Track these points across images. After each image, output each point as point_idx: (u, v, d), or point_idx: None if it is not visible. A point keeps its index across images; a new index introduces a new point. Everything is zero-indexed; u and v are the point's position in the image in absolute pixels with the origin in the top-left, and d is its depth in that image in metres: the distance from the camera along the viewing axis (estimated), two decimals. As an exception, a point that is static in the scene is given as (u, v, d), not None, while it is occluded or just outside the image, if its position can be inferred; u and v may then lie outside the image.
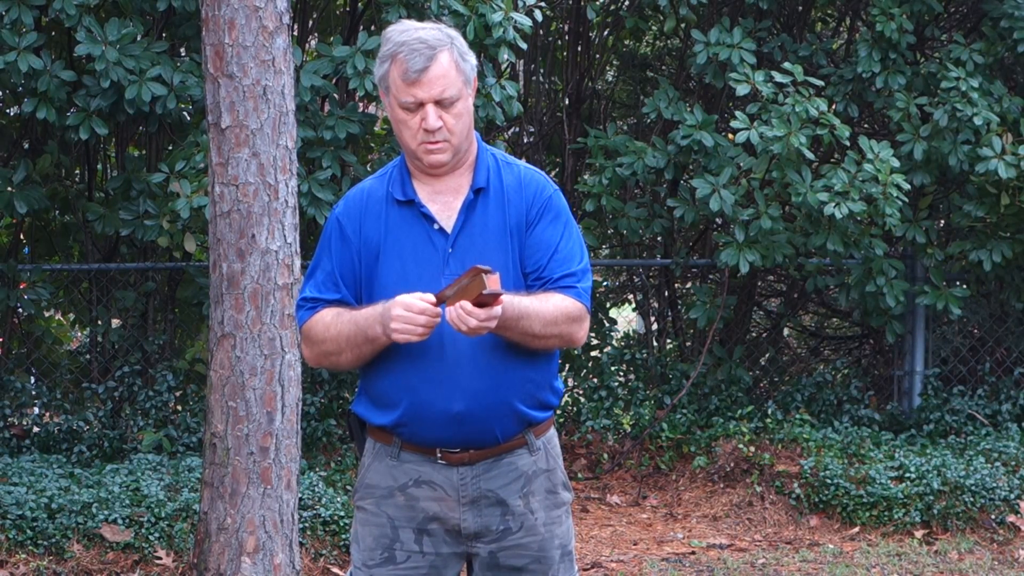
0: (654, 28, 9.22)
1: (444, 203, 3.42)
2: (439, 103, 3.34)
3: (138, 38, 7.13)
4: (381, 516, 3.45)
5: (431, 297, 3.24)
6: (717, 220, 8.63)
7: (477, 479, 3.42)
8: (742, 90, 7.58)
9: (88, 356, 8.12)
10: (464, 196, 3.41)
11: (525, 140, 9.05)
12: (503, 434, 3.42)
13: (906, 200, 7.67)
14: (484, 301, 3.18)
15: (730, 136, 7.83)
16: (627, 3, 8.82)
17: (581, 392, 8.56)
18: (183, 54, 7.64)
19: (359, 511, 3.51)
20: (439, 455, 3.41)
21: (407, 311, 3.23)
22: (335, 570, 6.45)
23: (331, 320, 3.41)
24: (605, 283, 9.72)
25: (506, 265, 3.36)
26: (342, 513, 6.60)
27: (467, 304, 3.18)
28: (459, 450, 3.41)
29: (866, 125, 9.03)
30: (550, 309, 3.34)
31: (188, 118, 7.59)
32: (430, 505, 3.43)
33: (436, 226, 3.39)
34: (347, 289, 3.44)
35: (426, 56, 3.34)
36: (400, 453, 3.44)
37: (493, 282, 3.16)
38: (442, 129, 3.34)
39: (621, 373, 8.66)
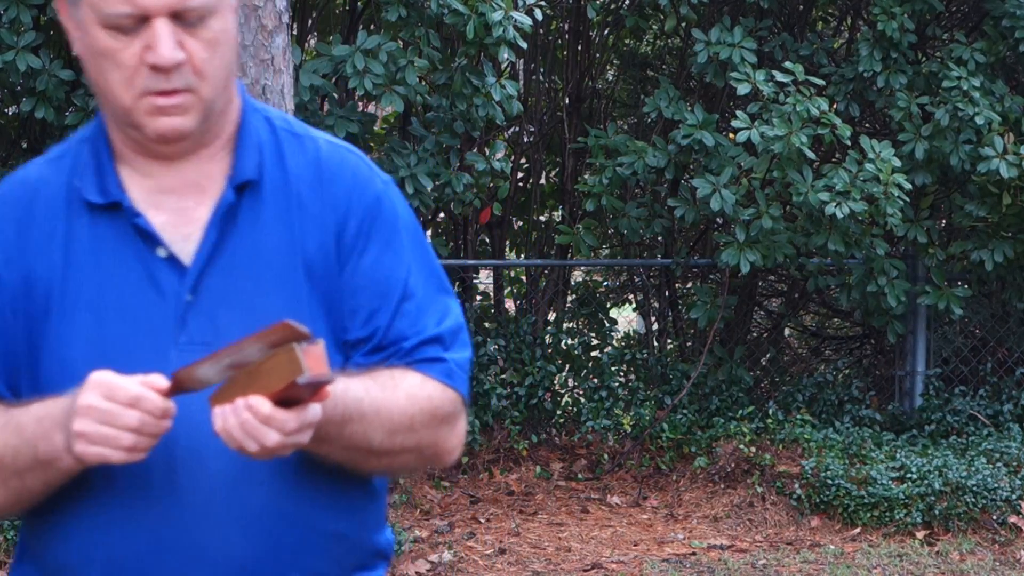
0: (654, 27, 9.20)
1: (179, 210, 1.93)
2: (179, 16, 1.84)
3: (137, 37, 7.11)
4: None
5: (159, 380, 1.78)
6: (718, 220, 8.61)
7: None
8: (743, 89, 7.55)
9: (87, 356, 8.08)
10: (216, 197, 1.93)
11: (525, 140, 9.03)
12: None
13: (907, 200, 7.64)
14: (296, 395, 1.73)
15: (731, 136, 7.80)
16: (627, 2, 8.80)
17: (581, 392, 8.54)
18: (182, 53, 7.61)
19: None
20: None
21: (106, 400, 1.76)
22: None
23: None
24: (605, 283, 9.70)
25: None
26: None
27: (264, 403, 1.73)
28: None
29: (867, 124, 9.00)
30: (401, 403, 1.90)
31: (187, 117, 7.55)
32: None
33: (163, 252, 1.90)
34: None
35: None
36: None
37: (315, 359, 1.72)
38: (184, 67, 1.85)
39: (621, 373, 8.63)
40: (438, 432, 1.94)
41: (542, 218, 9.30)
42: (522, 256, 9.21)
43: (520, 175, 9.01)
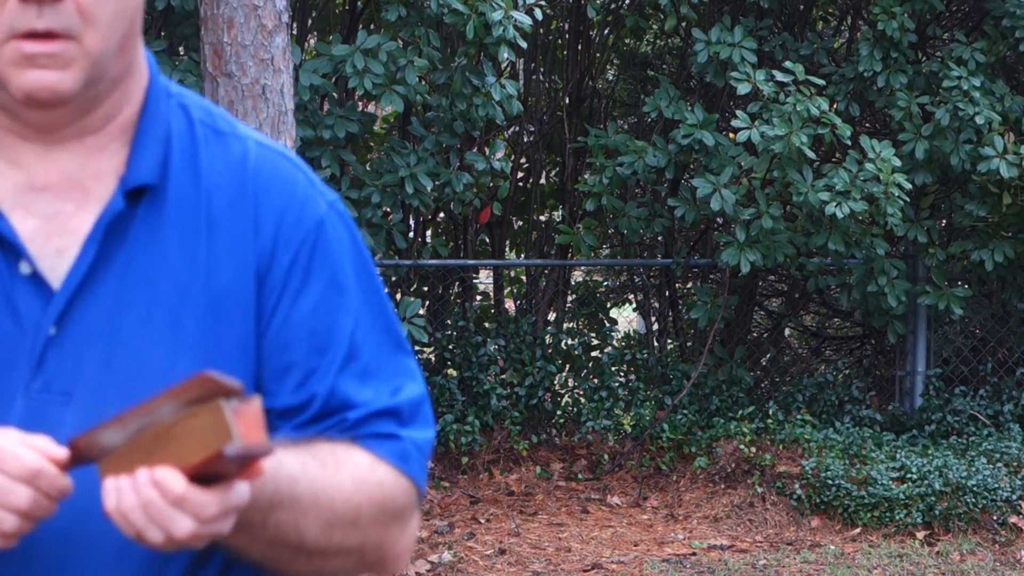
0: (655, 27, 9.20)
1: (53, 215, 1.45)
2: None
3: (136, 37, 7.09)
4: None
5: (52, 447, 1.32)
6: (718, 220, 8.61)
7: None
8: (743, 89, 7.55)
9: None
10: (103, 202, 1.46)
11: (525, 139, 9.02)
12: None
13: (907, 200, 7.64)
14: (220, 470, 1.30)
15: (731, 135, 7.79)
16: (627, 2, 8.79)
17: (581, 392, 8.54)
18: (181, 53, 7.61)
19: None
20: None
21: None
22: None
23: None
24: (605, 283, 9.69)
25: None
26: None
27: (176, 479, 1.28)
28: None
29: (867, 124, 9.00)
30: (345, 489, 1.44)
31: (187, 117, 7.53)
32: None
33: (27, 268, 1.43)
34: None
35: None
36: None
37: (249, 422, 1.29)
38: (65, 3, 1.38)
39: (622, 373, 8.63)
40: (387, 530, 1.47)
41: (542, 218, 9.29)
42: (522, 256, 9.21)
43: (520, 175, 9.00)
